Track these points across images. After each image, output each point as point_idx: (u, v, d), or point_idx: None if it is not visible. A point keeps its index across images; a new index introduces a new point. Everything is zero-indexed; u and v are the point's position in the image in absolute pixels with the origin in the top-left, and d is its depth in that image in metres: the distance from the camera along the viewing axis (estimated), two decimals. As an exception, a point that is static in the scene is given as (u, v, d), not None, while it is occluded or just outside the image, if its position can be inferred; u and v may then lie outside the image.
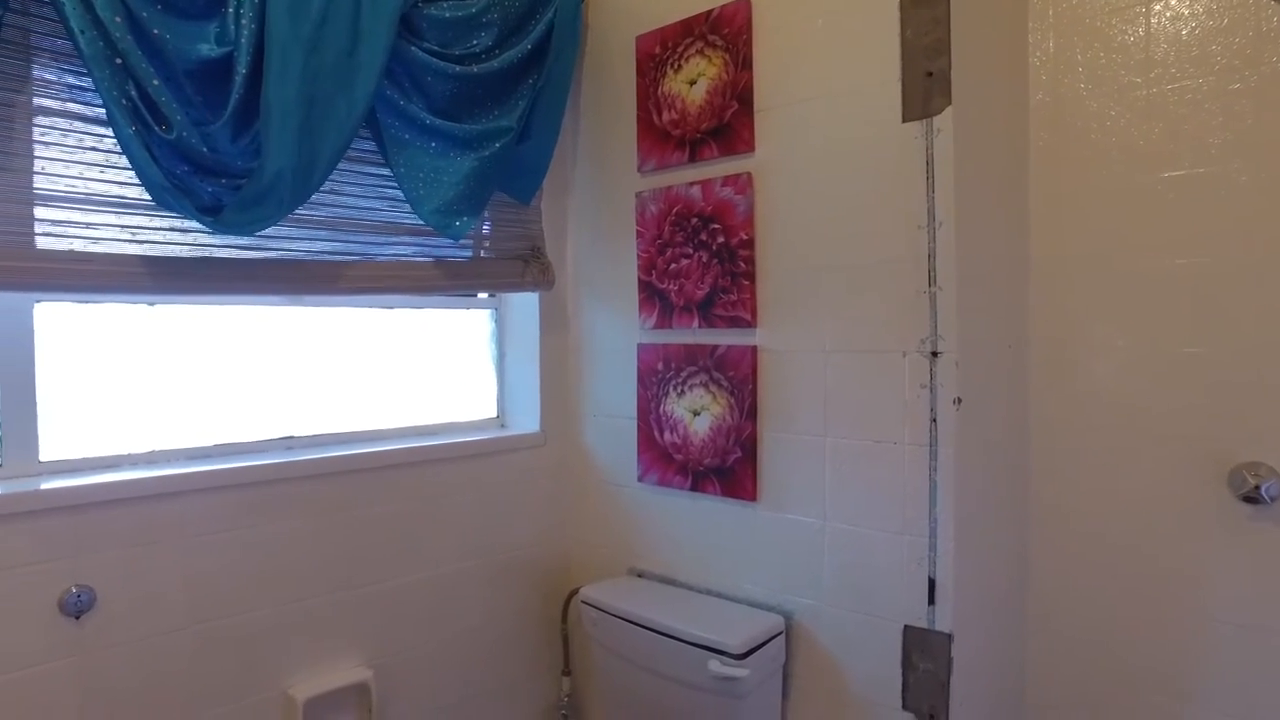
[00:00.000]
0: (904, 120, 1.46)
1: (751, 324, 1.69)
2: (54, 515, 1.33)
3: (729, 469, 1.72)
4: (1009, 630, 1.62)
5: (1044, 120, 1.59)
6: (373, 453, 1.71)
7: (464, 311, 2.04)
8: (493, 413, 2.08)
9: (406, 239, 1.73)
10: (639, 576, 1.91)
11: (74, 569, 1.35)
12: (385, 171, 1.68)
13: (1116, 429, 1.54)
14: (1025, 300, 1.63)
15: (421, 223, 1.72)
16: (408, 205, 1.69)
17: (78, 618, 1.35)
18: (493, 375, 2.09)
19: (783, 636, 1.62)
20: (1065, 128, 1.57)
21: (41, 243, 1.32)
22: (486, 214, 1.86)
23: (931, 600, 1.45)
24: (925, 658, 1.46)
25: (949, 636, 1.43)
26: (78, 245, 1.34)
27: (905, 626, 1.48)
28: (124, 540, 1.40)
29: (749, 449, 1.69)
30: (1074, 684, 1.60)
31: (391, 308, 1.88)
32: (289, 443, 1.71)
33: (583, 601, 1.79)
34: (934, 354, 1.44)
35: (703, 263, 1.76)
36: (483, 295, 2.07)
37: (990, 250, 1.52)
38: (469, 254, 1.86)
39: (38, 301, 1.41)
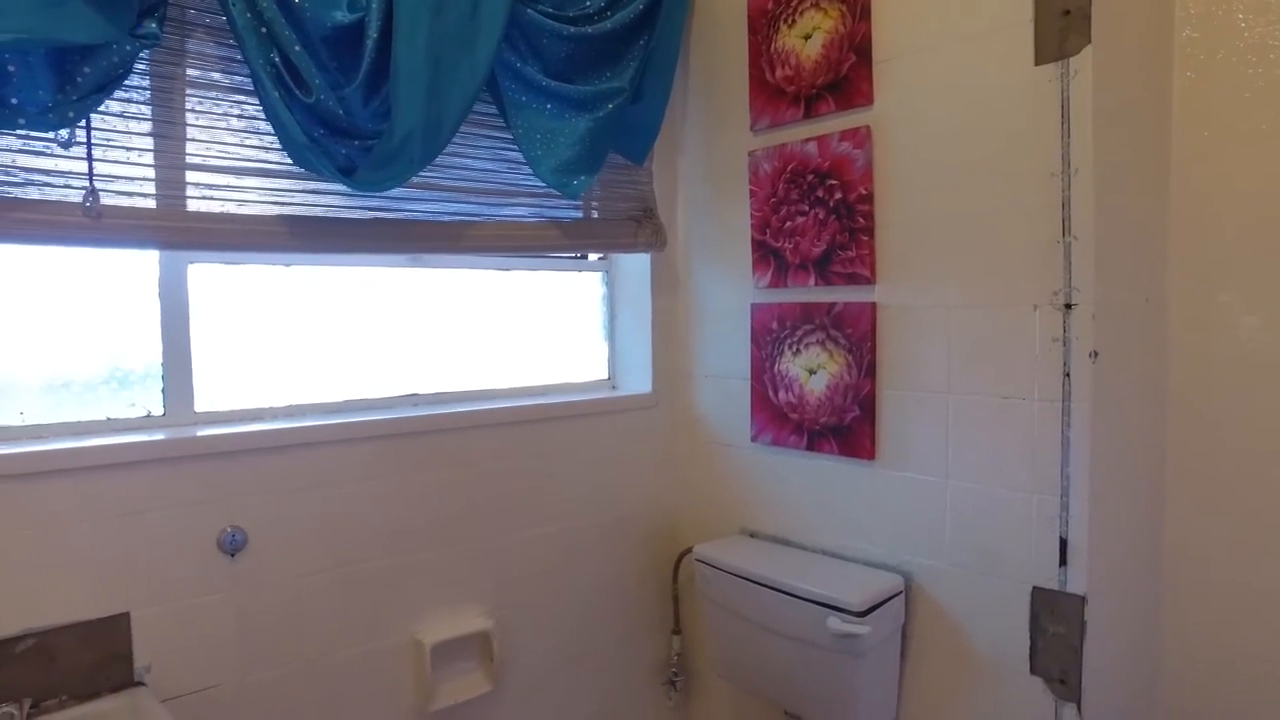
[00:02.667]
0: (1037, 63, 1.39)
1: (870, 280, 1.65)
2: (211, 460, 1.42)
3: (846, 428, 1.70)
4: (1144, 595, 1.55)
5: (1191, 58, 1.49)
6: (492, 409, 1.76)
7: (576, 274, 2.07)
8: (604, 374, 2.11)
9: (523, 200, 1.77)
10: (751, 536, 1.92)
11: (228, 511, 1.44)
12: (503, 134, 1.72)
13: (1260, 392, 1.44)
14: (1165, 253, 1.53)
15: (537, 185, 1.76)
16: (525, 168, 1.73)
17: (233, 556, 1.45)
18: (603, 337, 2.12)
19: (902, 596, 1.59)
20: (1215, 67, 1.47)
21: (192, 205, 1.40)
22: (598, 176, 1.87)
23: (1063, 561, 1.40)
24: (1056, 620, 1.41)
25: (1082, 599, 1.38)
26: (227, 207, 1.42)
27: (1034, 588, 1.43)
28: (271, 486, 1.48)
29: (867, 407, 1.66)
30: (1211, 650, 1.51)
31: (508, 270, 1.93)
32: (414, 399, 1.78)
33: (696, 559, 1.81)
34: (1068, 306, 1.37)
35: (819, 220, 1.73)
36: (594, 258, 2.09)
37: (1128, 199, 1.44)
38: (581, 215, 1.88)
39: (191, 263, 1.51)
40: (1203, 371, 1.50)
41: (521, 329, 1.98)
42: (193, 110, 1.40)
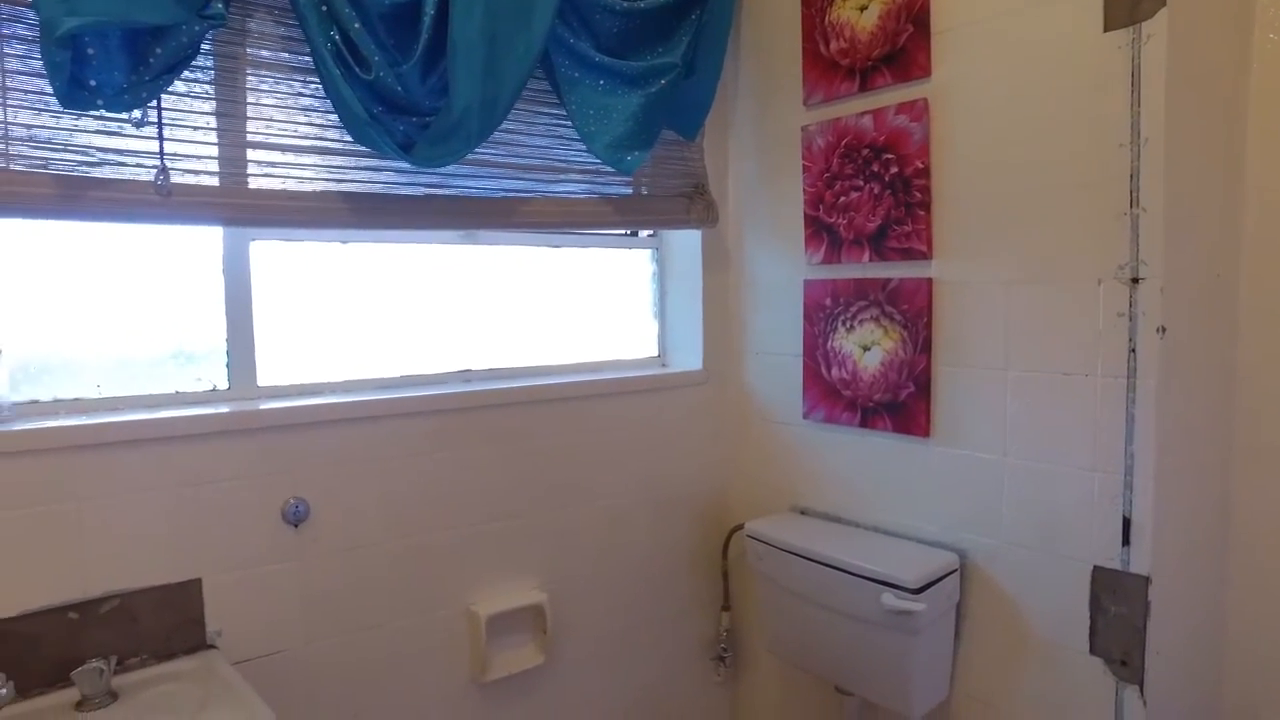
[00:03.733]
0: (1106, 29, 1.35)
1: (927, 255, 1.63)
2: (274, 433, 1.46)
3: (901, 404, 1.68)
4: (1209, 578, 1.51)
5: (1273, 20, 1.43)
6: (545, 385, 1.78)
7: (626, 251, 2.08)
8: (654, 351, 2.12)
9: (575, 177, 1.77)
10: (802, 514, 1.91)
11: (292, 482, 1.48)
12: (556, 111, 1.72)
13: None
14: (1238, 227, 1.48)
15: (589, 162, 1.77)
16: (577, 144, 1.73)
17: (296, 526, 1.49)
18: (653, 314, 2.12)
19: (957, 574, 1.58)
20: (1297, 29, 1.41)
21: (254, 182, 1.43)
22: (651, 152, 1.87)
23: (1126, 541, 1.37)
24: (1118, 601, 1.39)
25: (1146, 579, 1.35)
26: (287, 184, 1.45)
27: (1095, 567, 1.41)
28: (332, 458, 1.52)
29: (922, 384, 1.64)
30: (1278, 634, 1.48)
31: (559, 247, 1.94)
32: (466, 376, 1.80)
33: (748, 535, 1.81)
34: (1134, 280, 1.34)
35: (874, 194, 1.71)
36: (644, 234, 2.09)
37: (1201, 170, 1.40)
38: (631, 191, 1.87)
39: (252, 240, 1.54)
40: (1275, 349, 1.46)
41: (572, 306, 1.99)
42: (254, 89, 1.43)
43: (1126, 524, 1.37)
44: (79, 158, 1.25)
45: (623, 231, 2.06)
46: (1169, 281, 1.32)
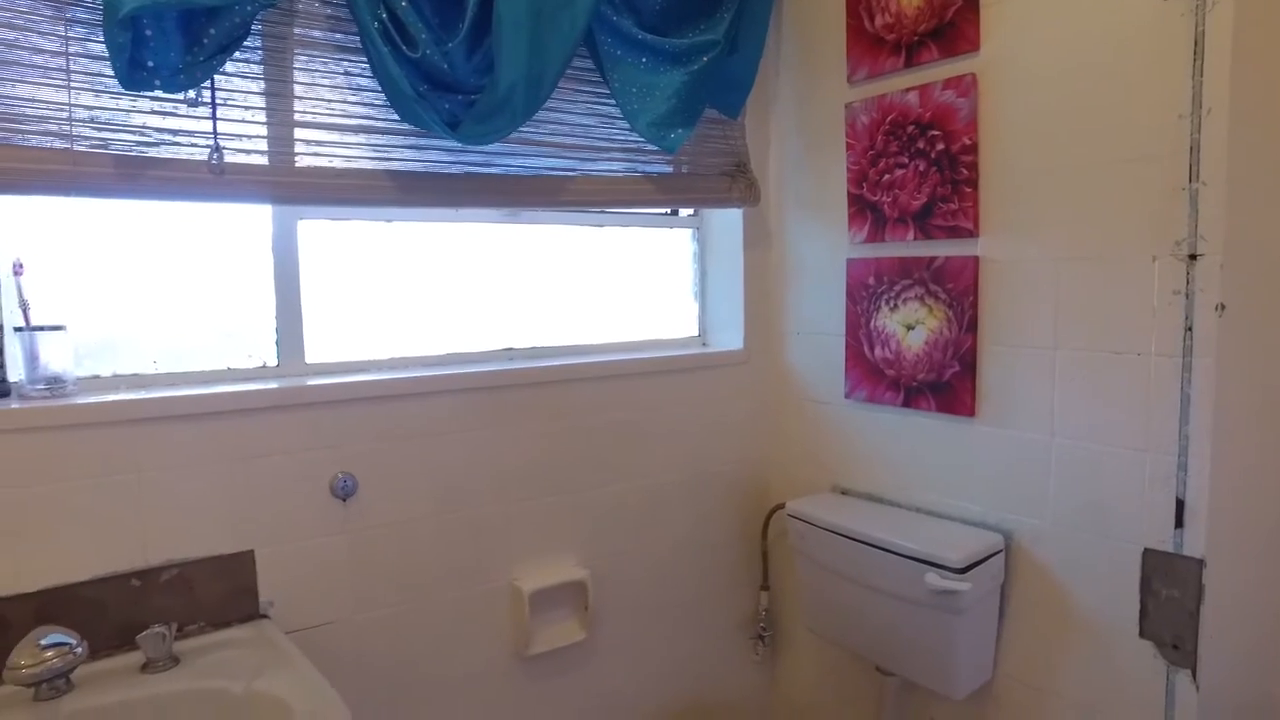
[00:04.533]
0: (1167, -3, 1.31)
1: (973, 233, 1.60)
2: (322, 409, 1.49)
3: (945, 384, 1.66)
4: (1268, 560, 1.48)
5: (1340, -13, 1.38)
6: (587, 364, 1.79)
7: (666, 231, 2.07)
8: (694, 331, 2.12)
9: (617, 156, 1.77)
10: (843, 494, 1.91)
11: (340, 457, 1.51)
12: (598, 89, 1.72)
13: None
14: (1301, 201, 1.44)
15: (631, 140, 1.76)
16: (619, 123, 1.73)
17: (344, 500, 1.52)
18: (693, 294, 2.12)
19: (1002, 554, 1.56)
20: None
21: (302, 160, 1.45)
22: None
23: (1179, 523, 1.35)
24: (1170, 584, 1.37)
25: (1200, 562, 1.33)
26: (334, 163, 1.47)
27: (1145, 550, 1.39)
28: (378, 434, 1.54)
29: (968, 363, 1.62)
30: (1342, 625, 1.45)
31: (600, 226, 1.94)
32: (509, 354, 1.82)
33: (789, 515, 1.81)
34: (1192, 256, 1.31)
35: (919, 172, 1.68)
36: (685, 214, 2.09)
37: (1266, 142, 1.35)
38: (672, 170, 1.87)
39: (300, 219, 1.56)
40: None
41: (613, 286, 1.99)
42: (301, 69, 1.44)
43: (1180, 506, 1.34)
44: (137, 138, 1.28)
45: (664, 211, 2.06)
46: (1229, 258, 1.29)
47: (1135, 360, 1.38)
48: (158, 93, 1.26)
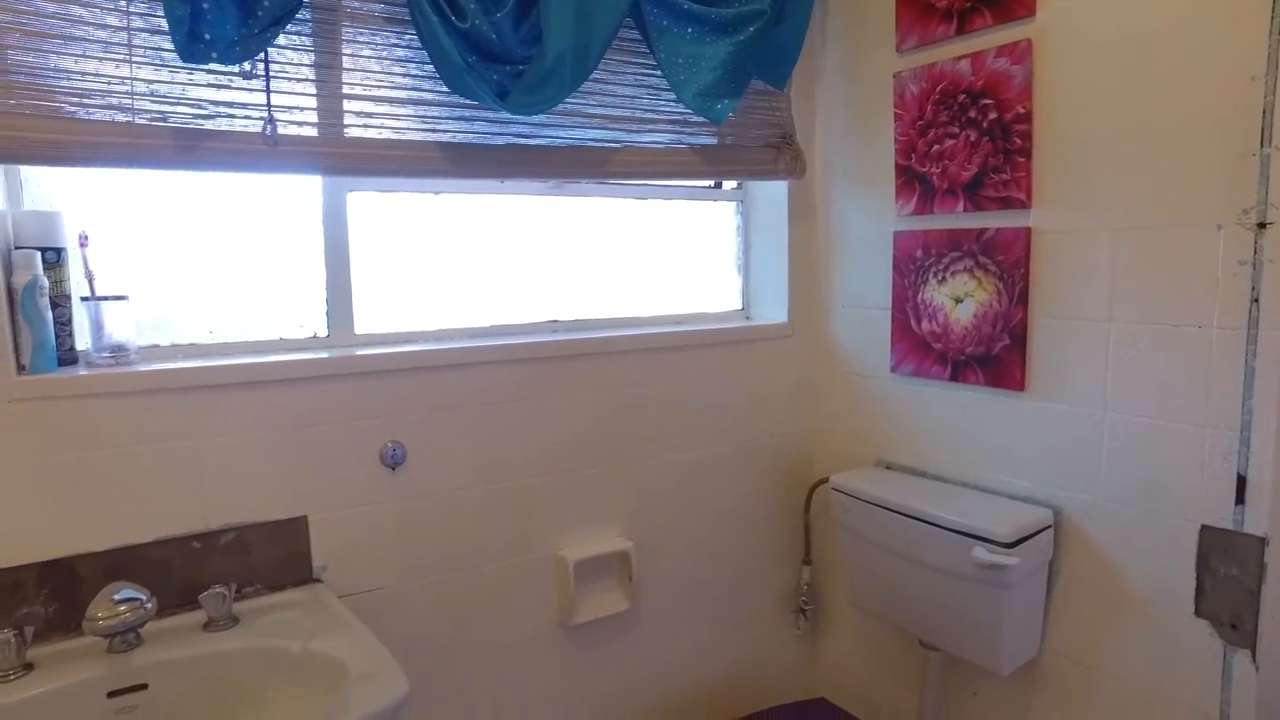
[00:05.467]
0: (1238, -46, 1.27)
1: (1026, 204, 1.57)
2: (372, 378, 1.51)
3: (994, 357, 1.64)
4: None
5: None
6: (631, 336, 1.79)
7: (710, 204, 2.06)
8: (737, 305, 2.11)
9: (663, 127, 1.76)
10: (887, 468, 1.89)
11: (389, 426, 1.53)
12: (644, 60, 1.70)
13: None
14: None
15: (676, 112, 1.75)
16: (665, 94, 1.72)
17: (394, 469, 1.54)
18: (737, 268, 2.11)
19: (1051, 529, 1.55)
20: None
21: (352, 132, 1.46)
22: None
23: (1240, 500, 1.31)
24: (1228, 562, 1.34)
25: (1262, 540, 1.29)
26: (383, 134, 1.48)
27: (1203, 527, 1.36)
28: (427, 404, 1.56)
29: (1018, 336, 1.60)
30: None
31: (644, 199, 1.94)
32: (554, 326, 1.82)
33: (833, 488, 1.80)
34: (1261, 225, 1.27)
35: (970, 142, 1.65)
36: (729, 188, 2.07)
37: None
38: (716, 142, 1.85)
39: (350, 191, 1.58)
40: None
41: (657, 260, 1.99)
42: (350, 41, 1.45)
43: (1241, 482, 1.31)
44: (194, 110, 1.30)
45: (707, 184, 2.05)
46: (1299, 226, 1.25)
47: (1196, 333, 1.35)
48: (214, 65, 1.28)
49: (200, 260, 1.48)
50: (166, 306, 1.45)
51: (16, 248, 1.25)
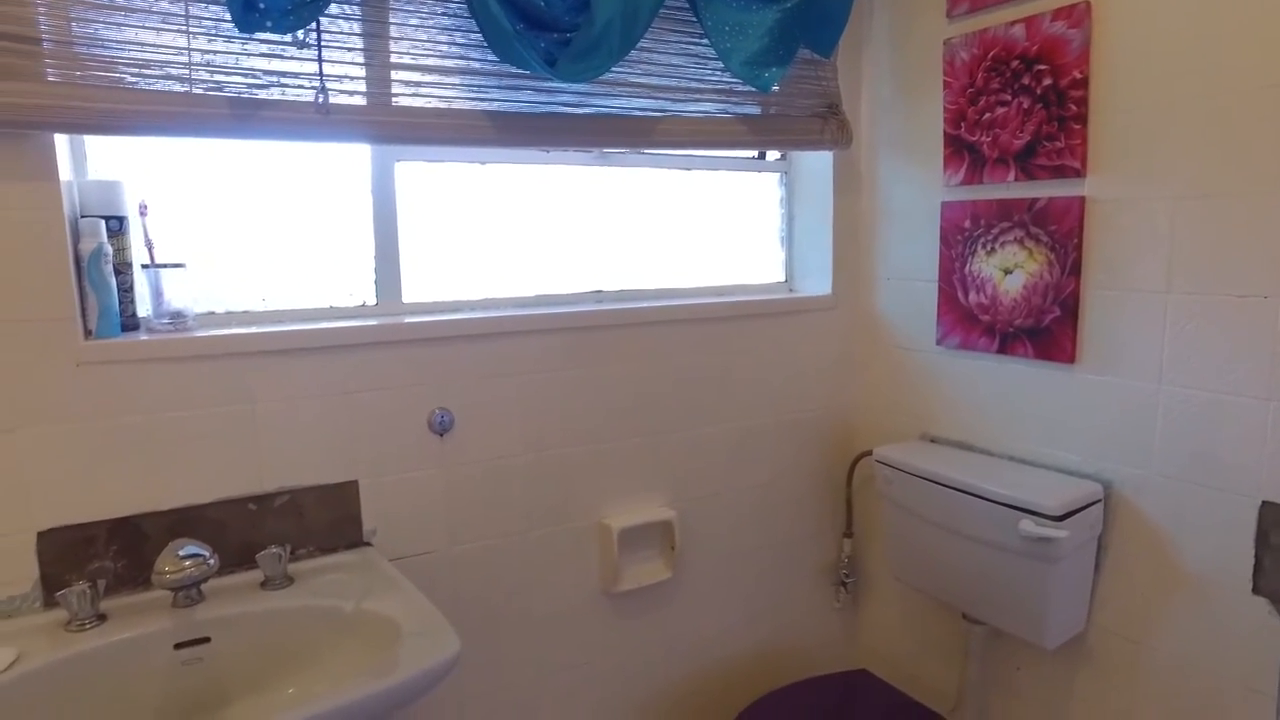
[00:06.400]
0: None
1: (1080, 173, 1.54)
2: (420, 346, 1.53)
3: (1044, 329, 1.61)
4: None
5: None
6: (676, 306, 1.79)
7: (754, 176, 2.05)
8: (780, 277, 2.10)
9: (709, 97, 1.74)
10: (931, 441, 1.88)
11: (437, 393, 1.55)
12: (690, 29, 1.69)
13: None
14: None
15: (722, 82, 1.74)
16: (711, 63, 1.71)
17: (442, 435, 1.57)
18: (780, 240, 2.10)
19: (1101, 504, 1.53)
20: None
21: (401, 101, 1.47)
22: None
23: (1301, 473, 1.29)
24: (1286, 536, 1.31)
25: (1322, 514, 1.27)
26: (432, 103, 1.49)
27: (1264, 502, 1.33)
28: (474, 372, 1.58)
29: (1069, 307, 1.57)
30: None
31: (689, 170, 1.93)
32: (598, 296, 1.83)
33: (876, 460, 1.80)
34: (1329, 192, 1.23)
35: (1023, 109, 1.62)
36: (773, 159, 2.06)
37: None
38: (761, 112, 1.83)
39: (398, 161, 1.60)
40: None
41: (701, 231, 1.98)
42: (398, 9, 1.46)
43: (1303, 456, 1.28)
44: (248, 80, 1.32)
45: (751, 155, 2.03)
46: (1374, 191, 1.21)
47: (1261, 304, 1.31)
48: (268, 35, 1.29)
49: (252, 230, 1.51)
50: (220, 274, 1.48)
51: (82, 216, 1.29)
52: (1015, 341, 1.67)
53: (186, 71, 1.27)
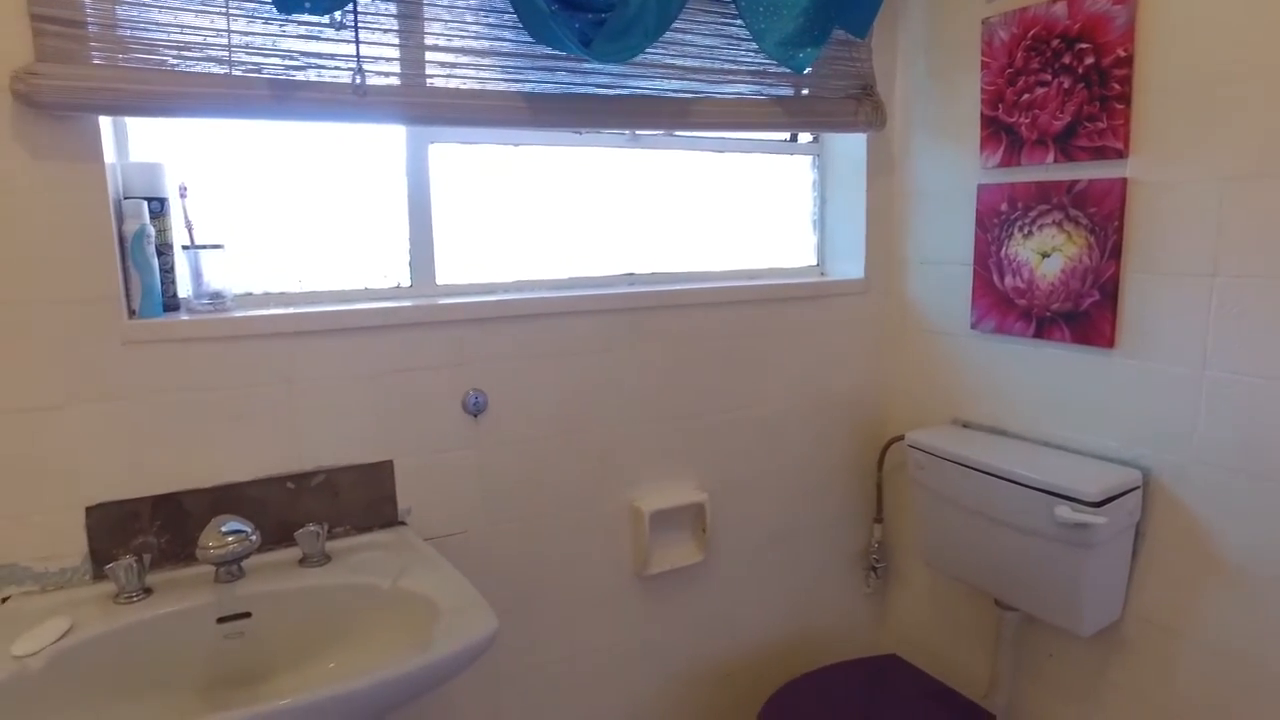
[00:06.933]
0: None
1: (1122, 154, 1.51)
2: (454, 327, 1.54)
3: (1082, 314, 1.59)
4: None
5: None
6: (708, 289, 1.79)
7: (786, 158, 2.03)
8: (812, 260, 2.08)
9: (742, 79, 1.73)
10: (964, 427, 1.86)
11: (471, 375, 1.56)
12: (725, 9, 1.67)
13: None
14: None
15: (756, 63, 1.72)
16: (745, 44, 1.69)
17: (476, 416, 1.58)
18: (812, 223, 2.08)
19: (1139, 491, 1.51)
20: None
21: (436, 82, 1.47)
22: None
23: (1349, 460, 1.26)
24: (1331, 523, 1.29)
25: (1370, 501, 1.25)
26: (466, 84, 1.49)
27: (1308, 488, 1.31)
28: (507, 354, 1.59)
29: (1109, 292, 1.55)
30: None
31: (721, 152, 1.92)
32: (631, 279, 1.83)
33: (909, 445, 1.78)
34: (1384, 172, 1.20)
35: (1063, 89, 1.59)
36: (805, 142, 2.04)
37: None
38: (793, 93, 1.82)
39: (431, 143, 1.60)
40: None
41: (732, 214, 1.97)
42: (430, -10, 1.46)
43: (1350, 442, 1.26)
44: (286, 62, 1.33)
45: (783, 138, 2.01)
46: None
47: (1309, 287, 1.29)
48: (305, 16, 1.30)
49: (288, 212, 1.52)
50: (257, 256, 1.50)
51: (125, 198, 1.30)
52: (1052, 326, 1.65)
53: (226, 53, 1.28)
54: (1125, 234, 1.53)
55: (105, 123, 1.27)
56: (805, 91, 1.83)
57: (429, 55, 1.46)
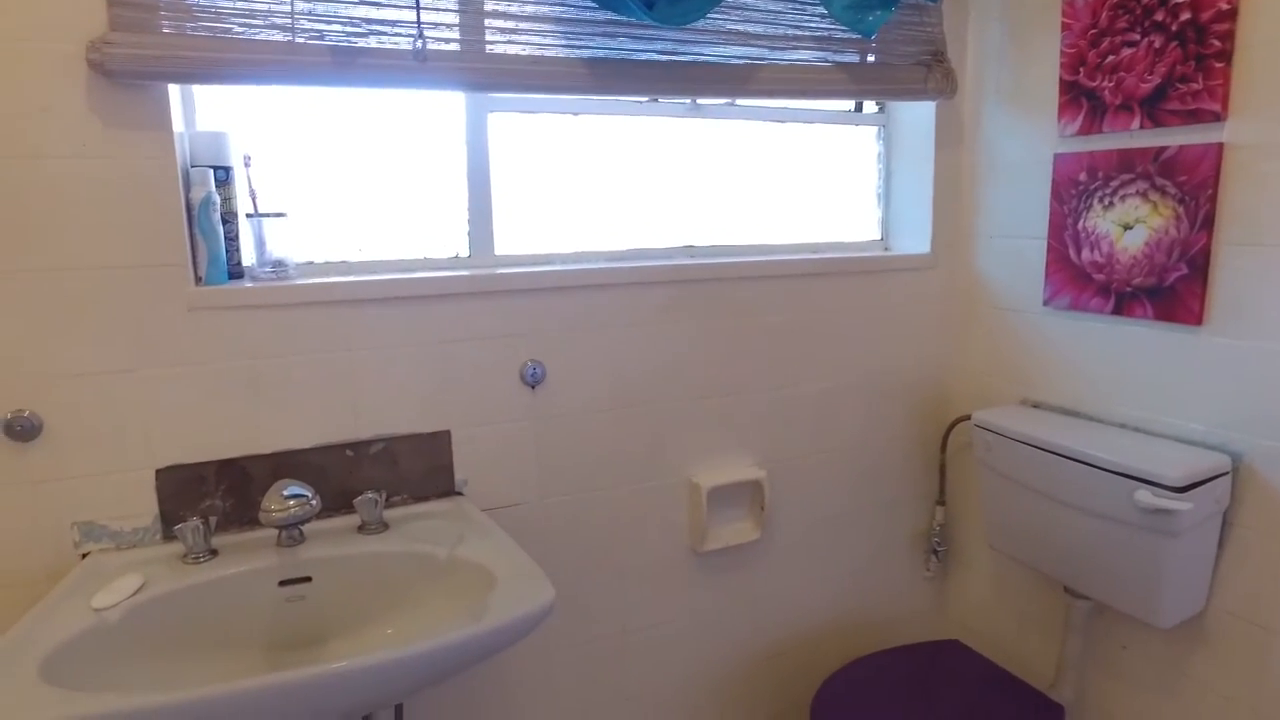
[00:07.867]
0: None
1: (1220, 117, 1.41)
2: (512, 297, 1.53)
3: (1168, 289, 1.51)
4: None
5: None
6: (769, 261, 1.75)
7: (850, 129, 1.97)
8: (876, 235, 2.02)
9: (808, 44, 1.67)
10: (1034, 407, 1.79)
11: (529, 346, 1.55)
12: (790, -29, 1.62)
13: None
14: None
15: (822, 28, 1.67)
16: (810, 9, 1.64)
17: (533, 388, 1.57)
18: (877, 197, 2.02)
19: (1228, 477, 1.42)
20: None
21: (495, 49, 1.45)
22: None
23: None
24: None
25: None
26: (527, 50, 1.47)
27: None
28: (565, 324, 1.57)
29: (1198, 265, 1.46)
30: None
31: (783, 122, 1.87)
32: (690, 251, 1.80)
33: (976, 425, 1.72)
34: None
35: (1154, 49, 1.50)
36: (871, 112, 1.97)
37: None
38: (861, 60, 1.75)
39: (490, 112, 1.59)
40: None
41: (794, 186, 1.92)
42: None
43: None
44: (348, 28, 1.32)
45: (848, 107, 1.95)
46: None
47: None
48: (371, -19, 1.29)
49: (349, 181, 1.52)
50: (318, 225, 1.51)
51: (192, 166, 1.32)
52: (1133, 302, 1.57)
53: (289, 20, 1.28)
54: (1219, 203, 1.43)
55: (174, 92, 1.29)
56: (871, 58, 1.76)
57: (489, 21, 1.44)
